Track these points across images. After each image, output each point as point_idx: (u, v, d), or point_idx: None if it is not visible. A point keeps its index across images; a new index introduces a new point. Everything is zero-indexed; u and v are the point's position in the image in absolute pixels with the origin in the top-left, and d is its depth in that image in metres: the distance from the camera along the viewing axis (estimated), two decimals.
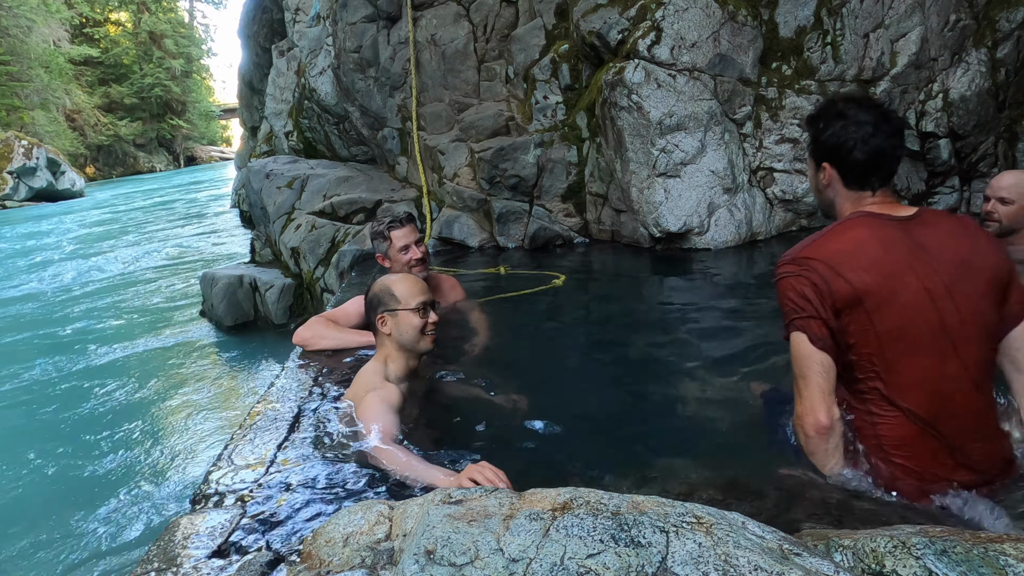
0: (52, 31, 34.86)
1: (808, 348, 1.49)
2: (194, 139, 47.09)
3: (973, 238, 1.51)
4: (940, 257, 1.46)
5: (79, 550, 3.09)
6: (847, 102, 1.60)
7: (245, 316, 6.38)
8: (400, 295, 2.11)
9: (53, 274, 10.50)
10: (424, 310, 2.12)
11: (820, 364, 1.48)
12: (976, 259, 1.47)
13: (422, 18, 6.14)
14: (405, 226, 2.99)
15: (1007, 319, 1.51)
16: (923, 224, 1.51)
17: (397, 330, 2.10)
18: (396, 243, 2.97)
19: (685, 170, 4.43)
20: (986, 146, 4.60)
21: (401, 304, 2.10)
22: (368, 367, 2.13)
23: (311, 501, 1.63)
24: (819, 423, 1.48)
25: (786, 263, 1.56)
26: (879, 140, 1.53)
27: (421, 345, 2.12)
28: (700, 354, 2.69)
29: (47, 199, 25.69)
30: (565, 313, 3.61)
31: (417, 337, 2.10)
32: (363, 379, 2.07)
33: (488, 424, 2.11)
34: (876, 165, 1.55)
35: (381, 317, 2.11)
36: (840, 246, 1.50)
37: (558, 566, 0.96)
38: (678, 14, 4.47)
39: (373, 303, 2.15)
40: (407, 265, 2.95)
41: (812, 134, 1.67)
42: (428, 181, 5.90)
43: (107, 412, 4.88)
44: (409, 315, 2.09)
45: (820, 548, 1.09)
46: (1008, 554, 0.96)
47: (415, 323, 2.10)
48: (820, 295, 1.47)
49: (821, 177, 1.66)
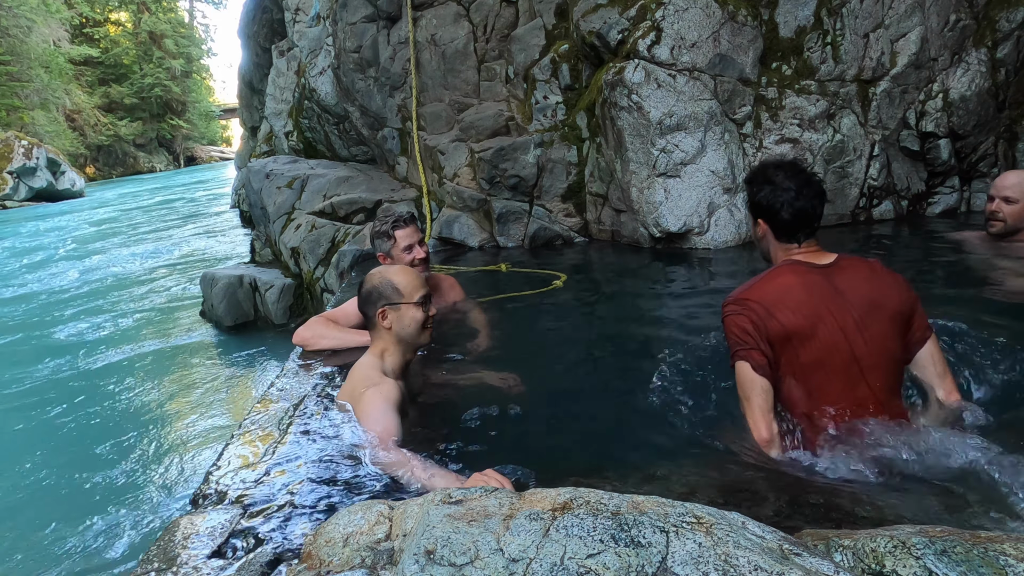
0: (52, 31, 34.86)
1: (750, 374, 1.75)
2: (194, 139, 47.11)
3: (880, 280, 1.79)
4: (852, 299, 1.75)
5: (79, 550, 3.09)
6: (776, 169, 1.89)
7: (245, 316, 6.38)
8: (403, 288, 2.07)
9: (53, 274, 10.51)
10: (426, 304, 2.09)
11: (761, 387, 1.75)
12: (881, 299, 1.76)
13: (422, 18, 6.14)
14: (409, 225, 3.00)
15: (910, 345, 1.80)
16: (840, 270, 1.81)
17: (399, 324, 2.06)
18: (401, 242, 2.97)
19: (685, 170, 4.43)
20: (986, 146, 4.60)
21: (404, 298, 2.06)
22: (364, 361, 2.08)
23: (311, 501, 1.63)
24: (761, 437, 1.74)
25: (730, 303, 1.83)
26: (802, 203, 1.82)
27: (421, 339, 2.10)
28: (700, 354, 2.69)
29: (47, 199, 25.71)
30: (564, 313, 3.61)
31: (418, 331, 2.08)
32: (360, 373, 2.02)
33: (485, 421, 2.11)
34: (801, 223, 1.84)
35: (382, 311, 2.06)
36: (772, 290, 1.78)
37: (558, 566, 0.96)
38: (678, 14, 4.47)
39: (372, 296, 2.09)
40: (410, 265, 2.94)
41: (748, 195, 1.97)
42: (428, 181, 5.90)
43: (107, 412, 4.88)
44: (412, 309, 2.06)
45: (820, 548, 1.09)
46: (1008, 554, 0.96)
47: (418, 317, 2.07)
48: (758, 330, 1.75)
49: (757, 230, 1.98)
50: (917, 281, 3.41)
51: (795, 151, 4.52)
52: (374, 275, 2.14)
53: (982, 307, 2.73)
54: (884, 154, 4.57)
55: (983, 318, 2.49)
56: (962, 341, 2.21)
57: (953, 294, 2.99)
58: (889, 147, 4.60)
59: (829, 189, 4.57)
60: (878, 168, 4.57)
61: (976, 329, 2.28)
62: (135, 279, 9.59)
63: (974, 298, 2.84)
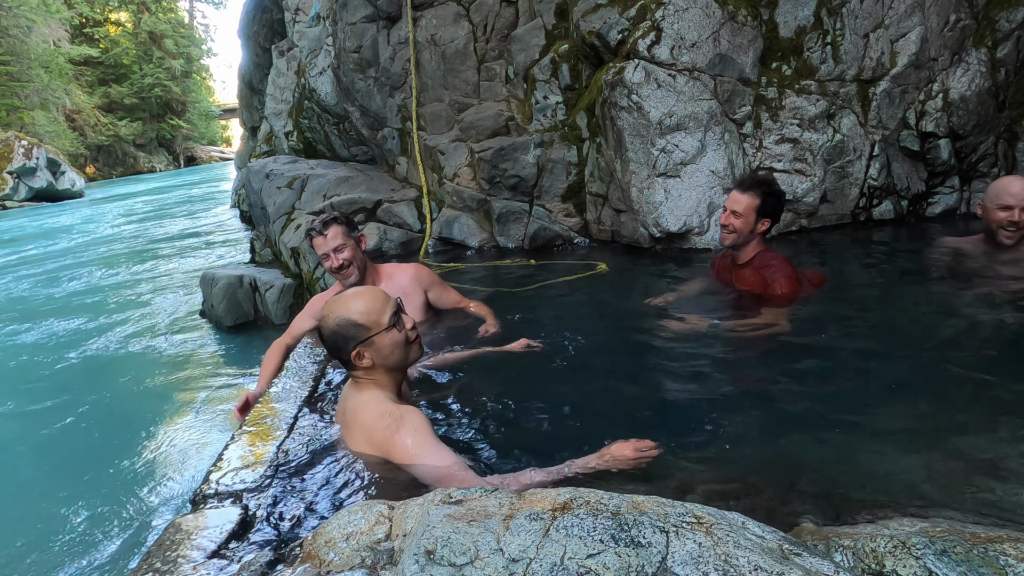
0: (52, 31, 34.86)
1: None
2: (194, 139, 47.11)
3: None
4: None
5: (79, 550, 3.09)
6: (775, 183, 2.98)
7: (245, 316, 6.37)
8: (365, 319, 1.76)
9: (52, 274, 10.51)
10: (399, 320, 1.81)
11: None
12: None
13: (422, 18, 6.14)
14: (323, 233, 2.86)
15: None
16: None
17: (380, 356, 1.78)
18: (319, 250, 2.86)
19: (685, 170, 4.43)
20: (986, 146, 4.60)
21: (372, 328, 1.76)
22: (365, 399, 1.78)
23: (311, 501, 1.63)
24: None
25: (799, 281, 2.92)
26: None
27: (412, 356, 1.87)
28: (700, 354, 2.69)
29: (47, 199, 25.69)
30: (564, 312, 3.61)
31: (404, 353, 1.82)
32: (372, 411, 1.73)
33: (484, 421, 2.11)
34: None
35: (356, 352, 1.76)
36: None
37: (558, 566, 0.96)
38: (678, 14, 4.47)
39: (338, 342, 1.77)
40: (334, 272, 2.88)
41: (771, 200, 2.86)
42: (428, 181, 5.90)
43: (106, 412, 4.88)
44: (386, 335, 1.77)
45: (820, 548, 1.09)
46: (1008, 554, 0.96)
47: (396, 339, 1.78)
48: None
49: (759, 226, 2.88)
50: (918, 282, 3.42)
51: (795, 151, 4.52)
52: (326, 319, 1.80)
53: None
54: (884, 154, 4.57)
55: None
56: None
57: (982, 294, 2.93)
58: (889, 147, 4.60)
59: (829, 189, 4.57)
60: (878, 168, 4.57)
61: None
62: (134, 279, 9.59)
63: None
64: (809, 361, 2.45)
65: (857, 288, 3.50)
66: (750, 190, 2.88)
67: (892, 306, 3.05)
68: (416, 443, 1.63)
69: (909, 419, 1.98)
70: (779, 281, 2.88)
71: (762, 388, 2.35)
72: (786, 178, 4.54)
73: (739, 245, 2.99)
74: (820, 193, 4.55)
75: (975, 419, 1.91)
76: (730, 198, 2.95)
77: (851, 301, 3.20)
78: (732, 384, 2.42)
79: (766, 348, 2.62)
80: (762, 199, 2.86)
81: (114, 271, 10.31)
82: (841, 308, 3.05)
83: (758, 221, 2.88)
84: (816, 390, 2.25)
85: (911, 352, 2.49)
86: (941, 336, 2.63)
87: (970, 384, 2.17)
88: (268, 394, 2.40)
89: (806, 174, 4.53)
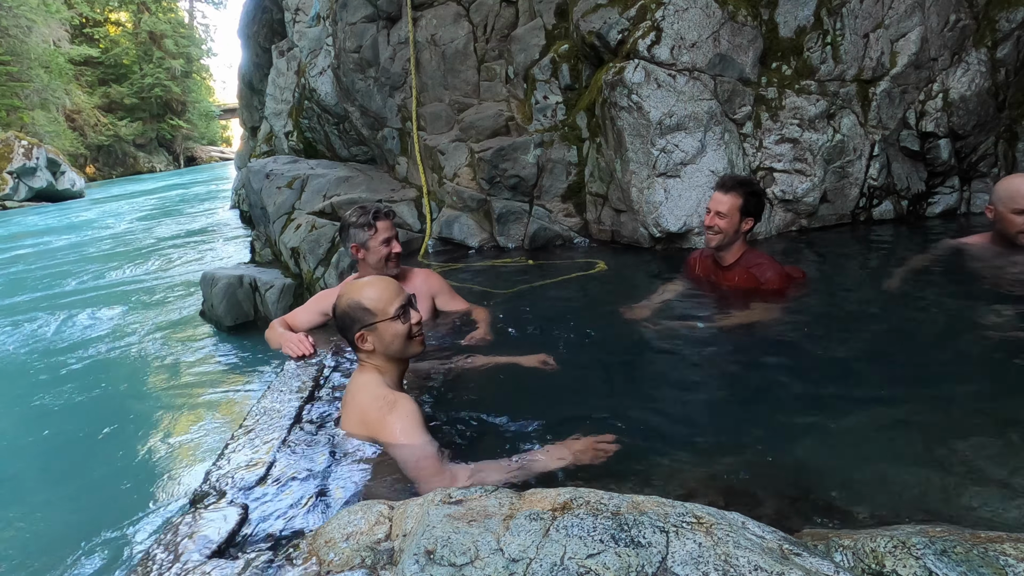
0: (52, 31, 34.84)
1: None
2: (194, 139, 47.09)
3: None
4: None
5: (78, 550, 3.09)
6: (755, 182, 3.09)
7: (245, 316, 6.37)
8: (374, 305, 1.88)
9: (52, 274, 10.50)
10: (405, 313, 1.91)
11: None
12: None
13: (422, 18, 6.14)
14: (389, 218, 3.01)
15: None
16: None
17: (381, 343, 1.89)
18: (381, 233, 2.95)
19: (685, 170, 4.43)
20: (986, 146, 4.60)
21: (378, 315, 1.88)
22: (363, 380, 1.90)
23: (311, 501, 1.63)
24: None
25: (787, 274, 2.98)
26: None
27: (411, 351, 1.95)
28: (700, 355, 2.69)
29: (47, 199, 25.67)
30: (563, 312, 3.61)
31: (404, 345, 1.91)
32: (367, 394, 1.84)
33: (482, 421, 2.11)
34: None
35: (360, 335, 1.89)
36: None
37: (558, 566, 0.96)
38: (678, 14, 4.47)
39: (346, 322, 1.91)
40: (384, 259, 2.95)
41: (754, 200, 2.91)
42: (428, 181, 5.90)
43: (105, 412, 4.88)
44: (390, 324, 1.88)
45: (820, 548, 1.09)
46: (1008, 554, 0.96)
47: (399, 331, 1.89)
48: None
49: (743, 225, 2.91)
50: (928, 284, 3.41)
51: (795, 151, 4.52)
52: (341, 298, 1.95)
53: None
54: (884, 154, 4.57)
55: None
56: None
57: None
58: (889, 147, 4.60)
59: (829, 189, 4.57)
60: (878, 168, 4.57)
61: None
62: (134, 279, 9.58)
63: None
64: (809, 362, 2.45)
65: (857, 289, 3.50)
66: (732, 190, 2.92)
67: (893, 308, 3.04)
68: (404, 428, 1.72)
69: (910, 423, 1.97)
70: (771, 278, 2.93)
71: (762, 390, 2.35)
72: (786, 178, 4.54)
73: (724, 246, 3.01)
74: (820, 193, 4.55)
75: (981, 427, 1.88)
76: (713, 199, 2.97)
77: (851, 302, 3.21)
78: (732, 386, 2.43)
79: (767, 350, 2.62)
80: (744, 198, 2.90)
81: (114, 271, 10.31)
82: (841, 309, 3.05)
83: (742, 220, 2.93)
84: (816, 391, 2.24)
85: (911, 352, 2.48)
86: (945, 338, 2.63)
87: (976, 389, 2.15)
88: (268, 394, 2.40)
89: (806, 174, 4.53)
